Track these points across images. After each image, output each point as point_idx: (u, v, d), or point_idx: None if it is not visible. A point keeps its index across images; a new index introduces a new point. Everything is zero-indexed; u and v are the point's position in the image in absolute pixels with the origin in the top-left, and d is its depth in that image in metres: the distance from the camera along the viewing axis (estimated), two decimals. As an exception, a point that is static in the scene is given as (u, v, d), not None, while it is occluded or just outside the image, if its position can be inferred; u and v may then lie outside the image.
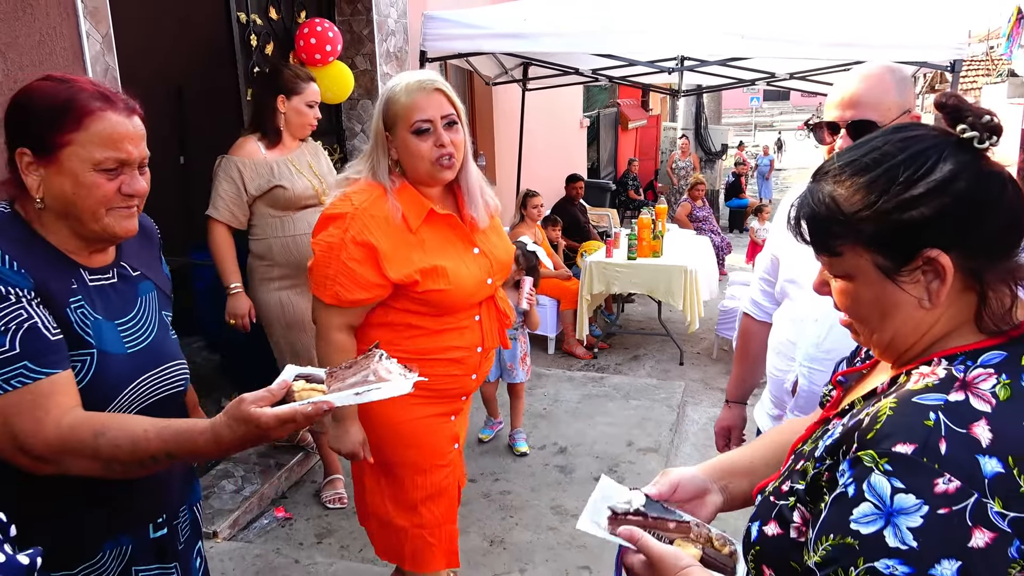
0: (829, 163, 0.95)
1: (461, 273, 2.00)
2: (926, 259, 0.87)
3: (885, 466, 0.81)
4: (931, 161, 0.87)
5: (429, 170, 1.94)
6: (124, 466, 1.21)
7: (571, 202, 7.70)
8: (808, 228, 0.95)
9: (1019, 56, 13.89)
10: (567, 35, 4.83)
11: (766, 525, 0.98)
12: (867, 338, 0.98)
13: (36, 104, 1.24)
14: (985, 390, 0.84)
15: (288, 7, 3.99)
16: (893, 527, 0.79)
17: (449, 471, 2.19)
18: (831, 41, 4.49)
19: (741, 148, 15.50)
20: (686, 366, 5.67)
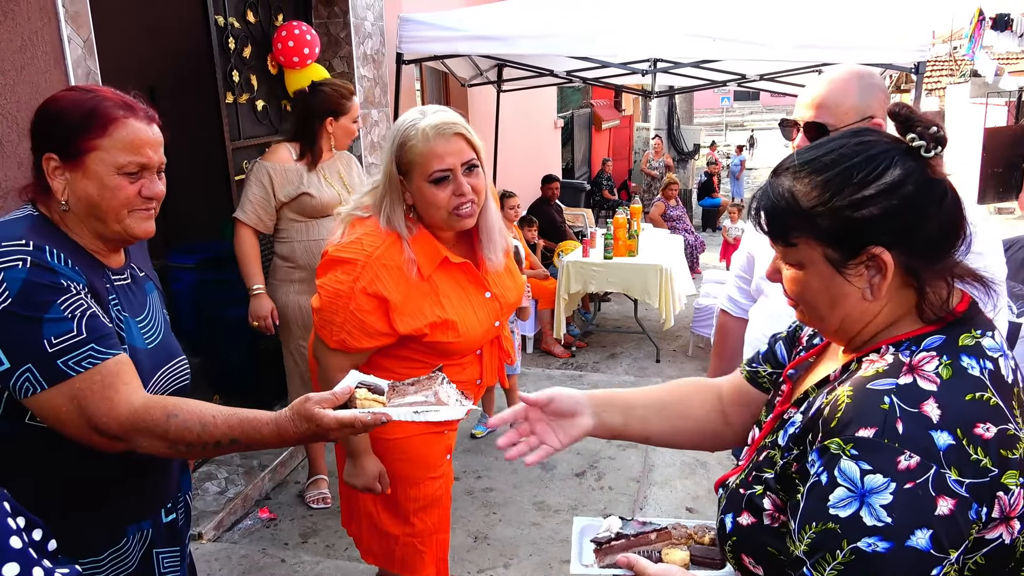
0: (789, 160, 1.02)
1: (471, 323, 1.95)
2: (870, 255, 0.94)
3: (851, 451, 0.88)
4: (883, 165, 0.94)
5: (446, 220, 1.85)
6: (189, 448, 1.27)
7: (547, 202, 7.76)
8: (767, 219, 1.02)
9: (981, 57, 14.21)
10: (542, 37, 4.89)
11: (740, 516, 1.04)
12: (815, 323, 1.06)
13: (63, 112, 1.32)
14: (929, 371, 0.92)
15: (265, 10, 4.00)
16: (868, 507, 0.85)
17: (442, 482, 2.17)
18: (798, 43, 4.60)
19: (713, 148, 15.67)
20: (663, 363, 5.76)
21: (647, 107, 16.36)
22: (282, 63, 3.97)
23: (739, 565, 1.05)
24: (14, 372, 1.20)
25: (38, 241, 1.26)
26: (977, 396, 0.90)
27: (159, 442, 1.26)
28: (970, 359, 0.93)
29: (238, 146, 3.81)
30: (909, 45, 4.55)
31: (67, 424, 1.24)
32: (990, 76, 14.20)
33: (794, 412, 1.04)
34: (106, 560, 1.42)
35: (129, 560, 1.46)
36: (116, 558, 1.44)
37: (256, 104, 3.94)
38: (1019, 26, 14.60)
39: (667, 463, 4.07)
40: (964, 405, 0.89)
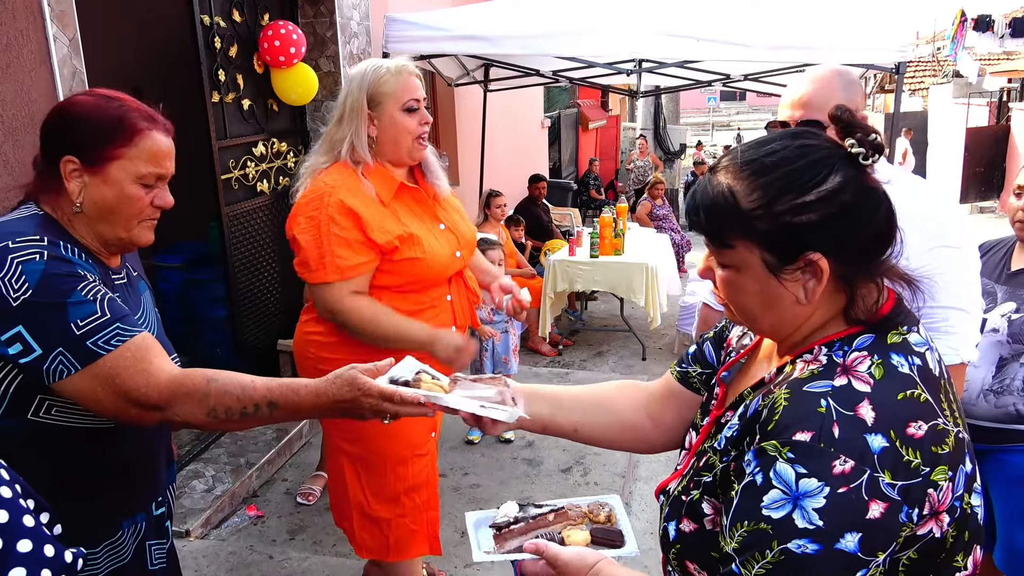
0: (729, 157, 1.02)
1: (433, 244, 2.10)
2: (807, 261, 0.94)
3: (788, 454, 0.88)
4: (824, 172, 0.94)
5: (411, 146, 2.08)
6: (228, 413, 1.28)
7: (534, 202, 7.79)
8: (705, 218, 1.01)
9: (963, 57, 14.36)
10: (528, 37, 4.91)
11: (681, 523, 1.04)
12: (747, 323, 1.06)
13: (88, 118, 1.34)
14: (863, 372, 0.93)
15: (251, 9, 4.01)
16: (800, 510, 0.86)
17: (428, 460, 2.25)
18: (782, 44, 4.66)
19: (699, 147, 15.76)
20: (649, 361, 5.80)
21: (633, 107, 16.43)
22: (268, 62, 3.98)
23: (684, 572, 1.05)
24: (46, 358, 1.22)
25: (51, 237, 1.29)
26: (908, 394, 0.91)
27: (198, 408, 1.27)
28: (899, 356, 0.95)
29: (224, 145, 3.82)
30: (891, 45, 4.62)
31: (104, 402, 1.26)
32: (972, 76, 14.35)
33: (731, 416, 1.04)
34: (102, 552, 1.45)
35: (124, 552, 1.49)
36: (112, 550, 1.47)
37: (242, 103, 3.95)
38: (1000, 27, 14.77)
39: (652, 459, 4.10)
40: (896, 405, 0.90)
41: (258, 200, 4.12)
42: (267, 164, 4.19)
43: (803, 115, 1.77)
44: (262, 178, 4.15)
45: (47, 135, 1.36)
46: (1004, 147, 13.83)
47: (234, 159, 3.92)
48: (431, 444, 2.28)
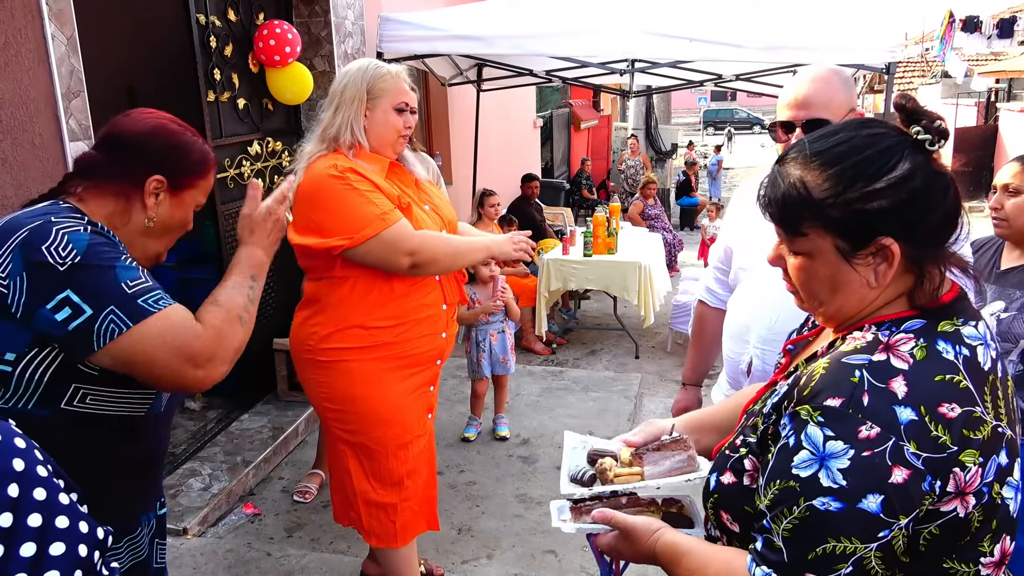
0: (797, 149, 1.05)
1: (423, 218, 2.22)
2: (879, 246, 0.99)
3: (818, 418, 0.94)
4: (894, 159, 0.98)
5: (393, 142, 2.25)
6: (248, 313, 1.47)
7: (527, 201, 7.81)
8: (777, 208, 1.05)
9: (951, 58, 14.47)
10: (521, 37, 4.93)
11: (723, 475, 1.11)
12: (812, 307, 1.10)
13: (189, 148, 1.48)
14: (904, 351, 0.97)
15: (247, 9, 4.01)
16: (825, 469, 0.92)
17: (427, 440, 2.33)
18: (773, 44, 4.69)
19: (691, 147, 15.81)
20: (642, 359, 5.83)
21: (625, 107, 16.47)
22: (263, 62, 3.99)
23: (718, 522, 1.11)
24: (97, 317, 1.26)
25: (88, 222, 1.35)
26: (947, 378, 0.95)
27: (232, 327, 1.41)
28: (946, 344, 0.98)
29: (219, 144, 3.82)
30: (880, 46, 4.65)
31: (158, 362, 1.30)
32: (960, 77, 14.47)
33: (783, 383, 1.09)
34: (124, 548, 1.48)
35: (142, 548, 1.53)
36: (132, 546, 1.50)
37: (237, 103, 3.95)
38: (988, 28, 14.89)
39: (647, 456, 4.13)
40: (932, 385, 0.94)
41: (253, 199, 4.12)
42: (262, 163, 4.19)
43: (807, 114, 1.78)
44: (257, 177, 4.15)
45: (145, 151, 1.43)
46: (992, 147, 13.95)
47: (229, 158, 3.92)
48: (429, 424, 2.38)
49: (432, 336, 2.28)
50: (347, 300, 2.18)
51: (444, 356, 2.38)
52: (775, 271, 1.91)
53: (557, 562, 3.04)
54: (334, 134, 2.19)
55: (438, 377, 2.41)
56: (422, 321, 2.24)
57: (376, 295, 2.18)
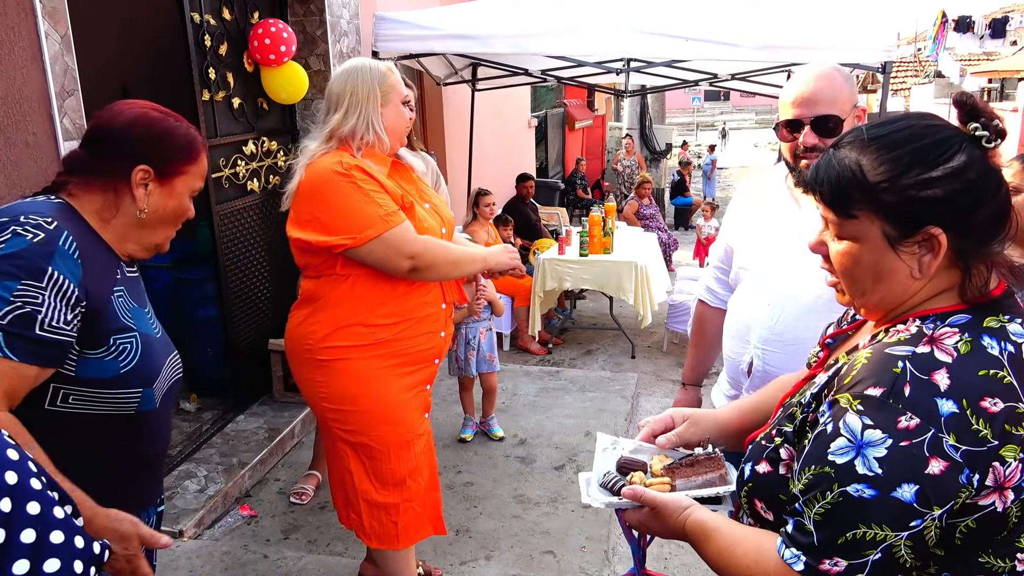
0: (855, 133, 1.05)
1: (424, 217, 2.23)
2: (927, 235, 0.98)
3: (857, 406, 0.95)
4: (951, 150, 0.98)
5: (400, 136, 2.28)
6: None
7: (522, 201, 7.80)
8: (829, 189, 1.05)
9: (944, 58, 14.52)
10: (517, 36, 4.92)
11: (758, 465, 1.12)
12: (855, 297, 1.10)
13: (170, 135, 1.45)
14: (949, 345, 0.97)
15: (241, 8, 3.99)
16: (862, 457, 0.93)
17: (426, 439, 2.33)
18: (769, 44, 4.69)
19: (685, 147, 15.82)
20: (638, 359, 5.83)
21: (620, 107, 16.48)
22: (258, 61, 3.97)
23: (752, 510, 1.12)
24: None
25: (63, 225, 1.32)
26: (991, 373, 0.95)
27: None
28: (991, 339, 0.97)
29: (214, 144, 3.80)
30: (875, 45, 4.66)
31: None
32: (954, 77, 14.52)
33: (823, 375, 1.10)
34: None
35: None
36: None
37: (232, 102, 3.93)
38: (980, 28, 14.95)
39: (644, 456, 4.13)
40: (975, 379, 0.94)
41: (248, 199, 4.10)
42: (257, 163, 4.17)
43: (814, 111, 1.77)
44: (252, 177, 4.13)
45: (126, 143, 1.41)
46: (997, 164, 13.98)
47: (224, 158, 3.90)
48: (427, 423, 2.38)
49: (431, 335, 2.28)
50: (348, 298, 2.17)
51: (441, 355, 2.38)
52: (776, 271, 1.92)
53: (556, 563, 3.03)
54: (347, 133, 2.18)
55: (435, 376, 2.41)
56: (422, 319, 2.24)
57: (377, 293, 2.17)
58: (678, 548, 3.18)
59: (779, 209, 1.95)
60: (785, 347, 1.88)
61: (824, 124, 1.76)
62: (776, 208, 1.95)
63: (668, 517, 1.16)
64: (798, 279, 1.86)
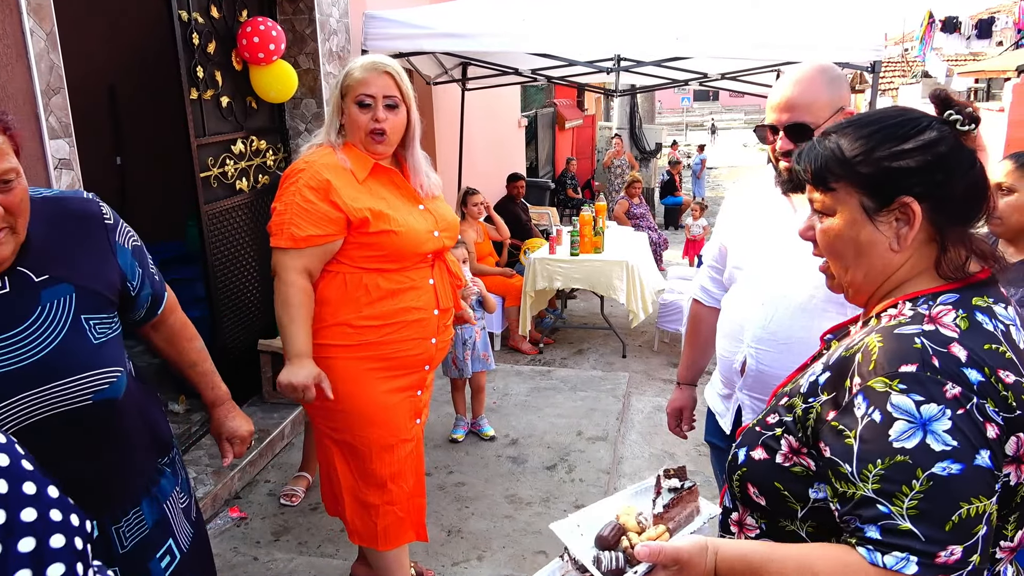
0: (836, 125, 1.12)
1: (410, 221, 2.17)
2: (902, 204, 1.03)
3: (899, 386, 0.93)
4: (923, 125, 1.04)
5: (363, 140, 2.17)
6: None
7: (512, 201, 7.78)
8: (812, 167, 1.10)
9: (931, 58, 14.60)
10: (506, 35, 4.91)
11: (753, 451, 1.12)
12: (841, 276, 1.13)
13: None
14: (949, 322, 0.99)
15: (230, 6, 3.95)
16: (931, 434, 0.90)
17: (413, 445, 2.29)
18: (758, 43, 4.69)
19: (675, 147, 15.85)
20: (629, 358, 5.83)
21: (609, 106, 16.48)
22: (247, 59, 3.94)
23: (743, 495, 1.13)
24: None
25: None
26: (994, 347, 0.96)
27: None
28: (984, 316, 0.99)
29: (203, 143, 3.77)
30: (863, 45, 4.67)
31: None
32: (941, 77, 14.60)
33: (815, 363, 1.11)
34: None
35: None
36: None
37: (221, 101, 3.90)
38: (967, 28, 15.04)
39: (636, 455, 4.12)
40: (984, 352, 0.95)
41: (237, 198, 4.07)
42: (246, 162, 4.14)
43: (790, 118, 1.77)
44: (241, 176, 4.09)
45: None
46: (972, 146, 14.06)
47: (213, 157, 3.87)
48: (416, 430, 2.35)
49: (420, 340, 2.24)
50: (334, 297, 2.15)
51: (434, 363, 2.33)
52: (770, 270, 1.92)
53: (548, 562, 3.01)
54: (324, 132, 2.24)
55: (426, 382, 2.35)
56: (411, 324, 2.20)
57: (363, 294, 2.15)
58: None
59: (773, 209, 1.94)
60: (778, 346, 1.87)
61: (796, 131, 1.76)
62: (770, 208, 1.95)
63: (696, 566, 1.04)
64: (792, 279, 1.86)
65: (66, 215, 1.41)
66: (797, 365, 1.85)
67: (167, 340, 1.74)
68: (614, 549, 1.20)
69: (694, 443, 3.79)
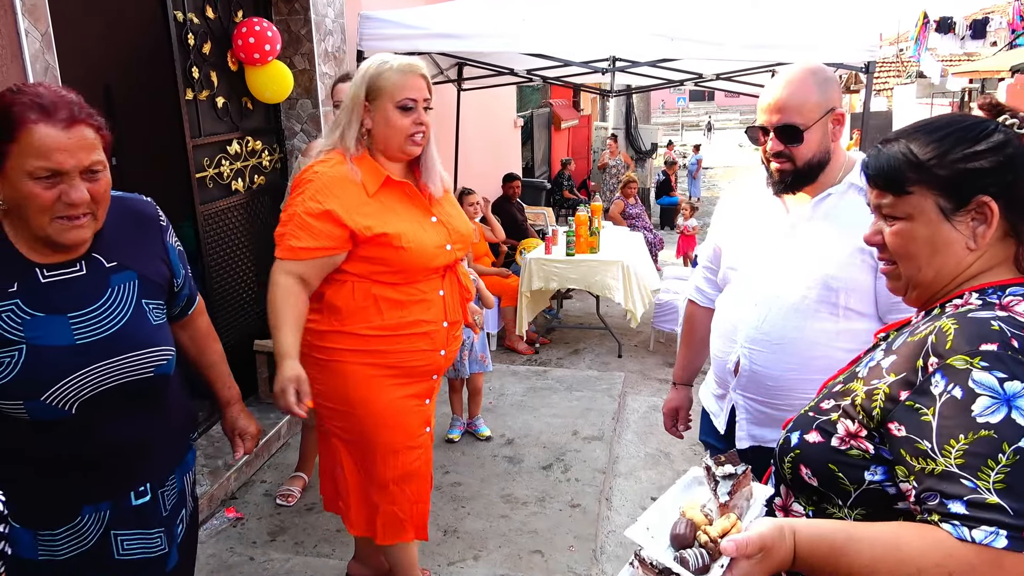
0: (898, 131, 1.15)
1: (419, 235, 2.13)
2: (979, 204, 1.06)
3: (980, 363, 0.95)
4: (989, 128, 1.09)
5: (402, 144, 2.11)
6: None
7: (508, 201, 7.79)
8: (884, 171, 1.12)
9: (926, 58, 14.64)
10: (502, 35, 4.91)
11: (808, 434, 1.14)
12: (912, 276, 1.13)
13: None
14: (1021, 311, 1.01)
15: (225, 6, 3.95)
16: (1017, 410, 0.91)
17: (420, 453, 2.29)
18: (753, 43, 4.70)
19: (670, 147, 15.87)
20: (624, 358, 5.84)
21: (605, 107, 16.50)
22: (243, 60, 3.94)
23: (794, 476, 1.15)
24: None
25: None
26: None
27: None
28: None
29: (198, 143, 3.77)
30: (858, 45, 4.68)
31: None
32: (935, 77, 14.65)
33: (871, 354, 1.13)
34: (62, 535, 1.48)
35: (86, 538, 1.52)
36: (72, 534, 1.50)
37: (216, 101, 3.90)
38: (961, 29, 15.08)
39: (631, 455, 4.13)
40: None
41: (233, 199, 4.07)
42: (242, 163, 4.14)
43: (780, 119, 1.78)
44: (237, 177, 4.10)
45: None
46: None
47: (208, 157, 3.87)
48: (425, 438, 2.33)
49: (430, 352, 2.21)
50: (345, 305, 2.13)
51: (441, 371, 2.33)
52: (763, 271, 1.93)
53: (544, 562, 3.03)
54: (337, 138, 2.14)
55: (434, 391, 2.35)
56: (421, 336, 2.17)
57: (372, 303, 2.12)
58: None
59: (766, 210, 1.95)
60: (772, 347, 1.88)
61: (786, 132, 1.77)
62: (763, 209, 1.96)
63: (778, 550, 1.00)
64: (785, 279, 1.87)
65: (129, 213, 1.59)
66: (790, 365, 1.87)
67: (192, 338, 1.86)
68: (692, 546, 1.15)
69: (690, 443, 3.80)
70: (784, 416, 1.92)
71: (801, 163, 1.80)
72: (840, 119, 1.82)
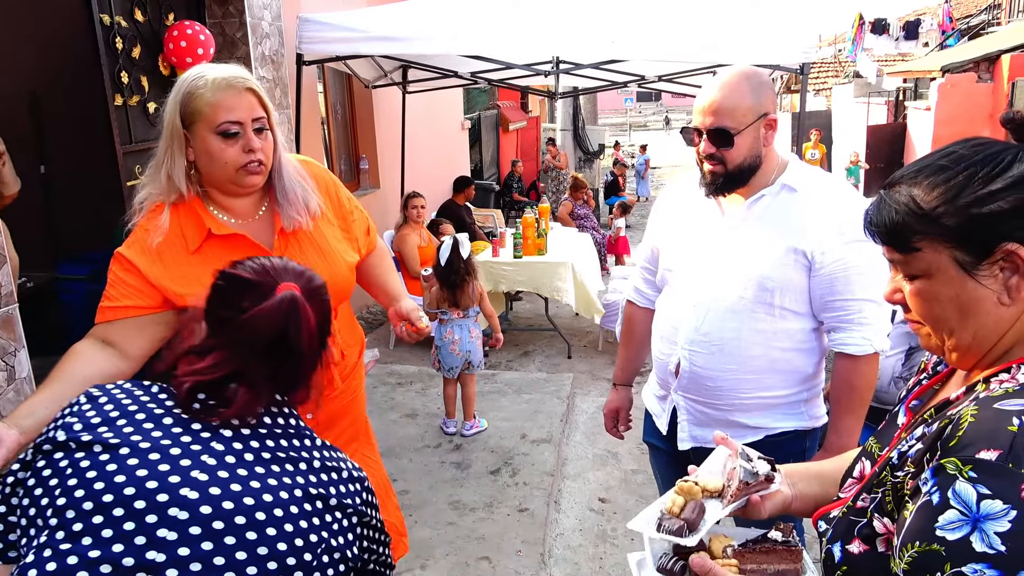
0: (902, 172, 0.98)
1: None
2: (1005, 253, 0.88)
3: (969, 473, 0.81)
4: (1007, 160, 0.90)
5: (232, 177, 1.70)
6: None
7: (455, 202, 7.76)
8: (885, 227, 0.96)
9: (862, 59, 15.05)
10: (444, 38, 4.88)
11: (850, 544, 0.98)
12: (943, 341, 0.97)
13: None
14: None
15: (155, 9, 3.84)
16: (980, 532, 0.79)
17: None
18: (693, 44, 4.77)
19: (617, 148, 16.02)
20: (574, 359, 5.85)
21: (553, 108, 16.57)
22: (175, 64, 3.83)
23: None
24: None
25: None
26: None
27: None
28: None
29: (129, 150, 3.66)
30: (795, 47, 4.78)
31: None
32: (871, 77, 15.07)
33: (912, 437, 0.97)
34: None
35: None
36: None
37: (148, 106, 3.79)
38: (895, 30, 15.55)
39: (579, 456, 4.14)
40: None
41: (168, 207, 3.96)
42: (177, 169, 4.03)
43: (713, 122, 1.79)
44: (172, 184, 3.99)
45: None
46: (902, 143, 14.56)
47: (140, 164, 3.75)
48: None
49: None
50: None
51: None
52: (700, 273, 1.93)
53: (491, 568, 3.00)
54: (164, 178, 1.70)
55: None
56: None
57: None
58: (612, 547, 3.19)
59: (701, 211, 1.96)
60: (711, 348, 1.89)
61: (718, 136, 1.79)
62: (698, 210, 1.97)
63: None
64: (721, 281, 1.88)
65: None
66: (729, 366, 1.88)
67: None
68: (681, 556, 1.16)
69: (636, 442, 3.82)
70: (724, 416, 1.94)
71: (732, 166, 1.81)
72: (772, 124, 1.83)
